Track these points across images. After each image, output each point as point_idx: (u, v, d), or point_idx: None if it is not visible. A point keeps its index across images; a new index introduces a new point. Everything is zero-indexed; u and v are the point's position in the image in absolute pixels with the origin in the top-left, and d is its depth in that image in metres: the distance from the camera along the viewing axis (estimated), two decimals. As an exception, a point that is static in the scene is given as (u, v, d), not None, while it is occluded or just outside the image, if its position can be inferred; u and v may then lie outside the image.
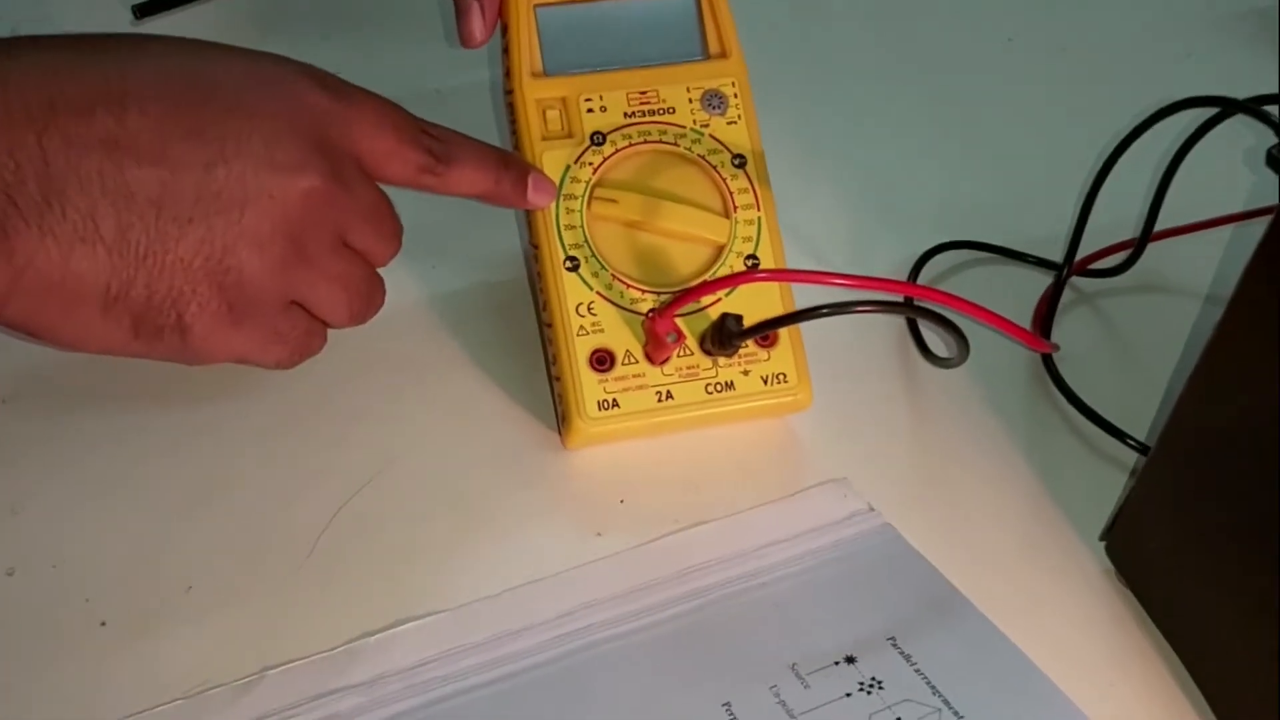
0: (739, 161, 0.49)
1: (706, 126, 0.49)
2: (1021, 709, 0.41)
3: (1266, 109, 0.49)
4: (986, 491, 0.48)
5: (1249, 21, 0.68)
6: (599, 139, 0.48)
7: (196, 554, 0.44)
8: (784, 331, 0.47)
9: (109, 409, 0.47)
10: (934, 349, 0.51)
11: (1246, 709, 0.40)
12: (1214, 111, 0.50)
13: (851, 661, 0.42)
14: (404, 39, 0.62)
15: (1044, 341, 0.50)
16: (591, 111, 0.48)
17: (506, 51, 0.48)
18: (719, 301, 0.47)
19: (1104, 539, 0.46)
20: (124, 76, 0.39)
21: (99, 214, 0.38)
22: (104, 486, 0.45)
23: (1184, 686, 0.43)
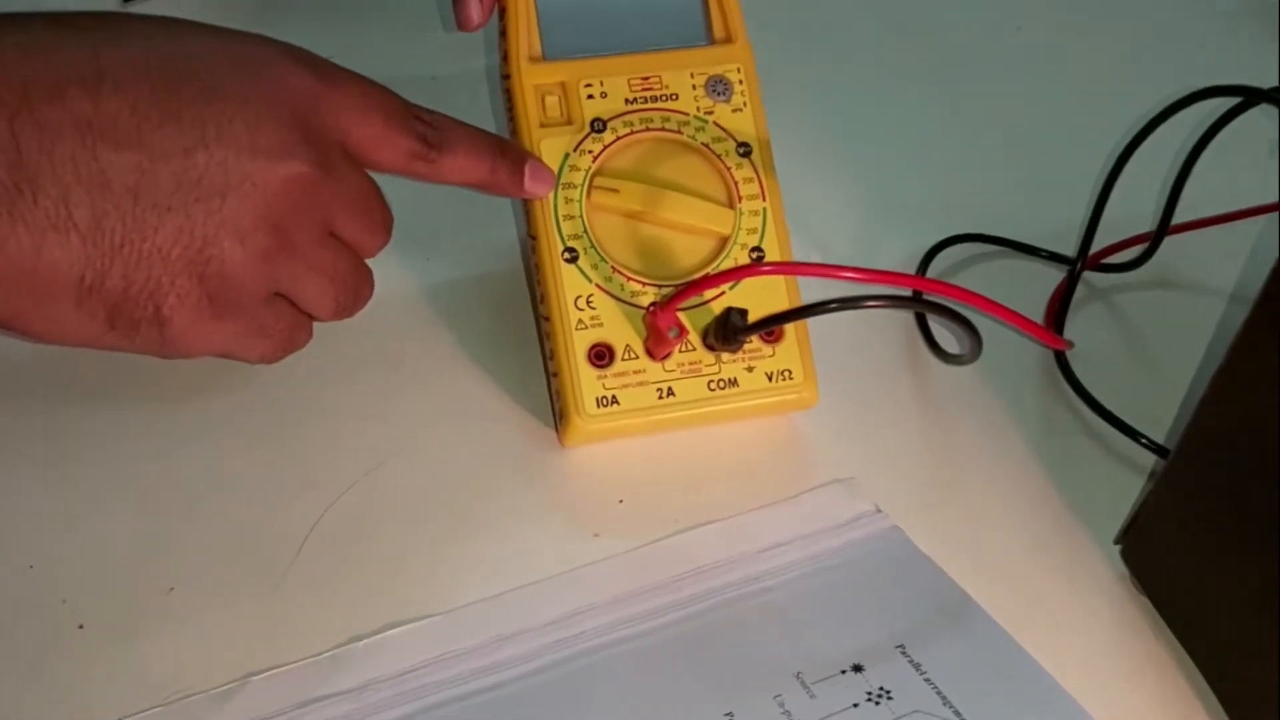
0: (744, 150, 0.47)
1: (711, 114, 0.47)
2: (1035, 720, 0.40)
3: (1292, 99, 0.48)
4: (997, 493, 0.47)
5: (1261, 12, 0.67)
6: (599, 126, 0.46)
7: (178, 554, 0.42)
8: (790, 327, 0.46)
9: (87, 405, 0.46)
10: (944, 345, 0.50)
11: (1268, 722, 0.39)
12: (1236, 101, 0.48)
13: (859, 670, 0.40)
14: (398, 23, 0.60)
15: (1059, 338, 0.48)
16: (592, 98, 0.47)
17: (504, 35, 0.47)
18: (722, 295, 0.46)
19: (1119, 543, 0.45)
20: (99, 57, 0.38)
21: (73, 200, 0.37)
22: (83, 484, 0.44)
23: (1202, 697, 0.42)
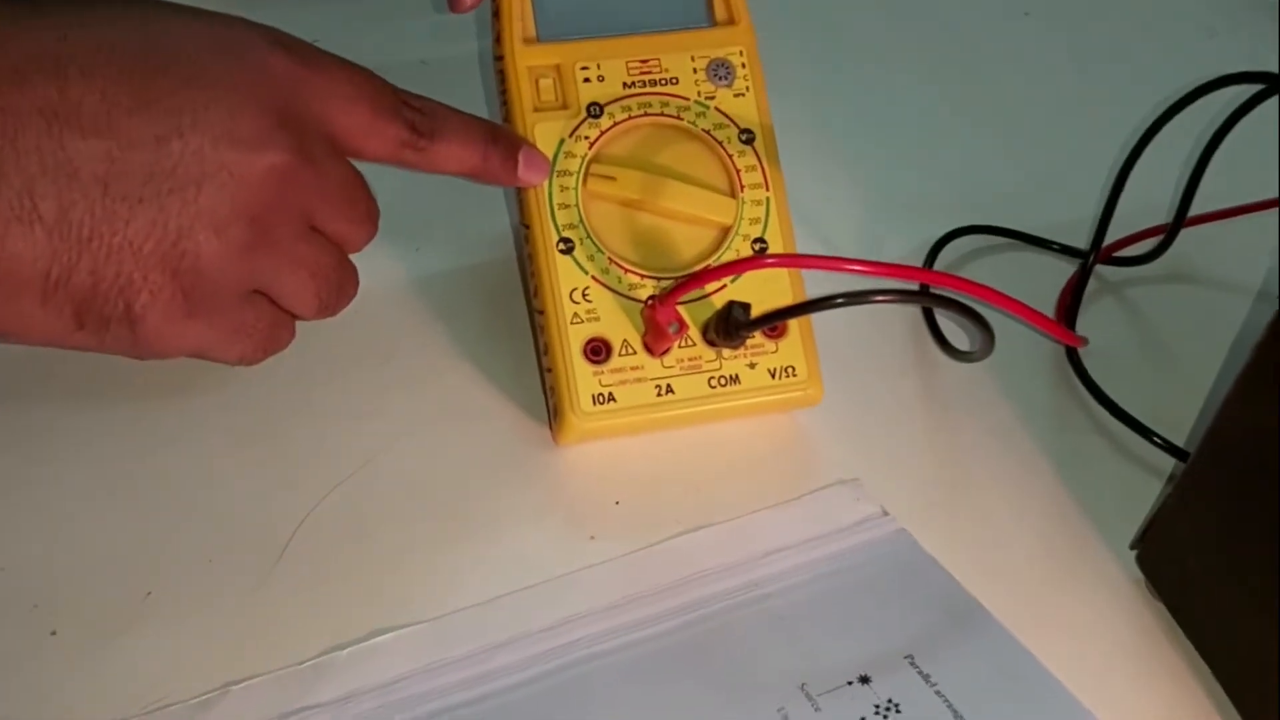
0: (747, 137, 0.46)
1: (712, 99, 0.46)
2: (1048, 733, 0.38)
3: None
4: (1008, 495, 0.46)
5: (1266, 1, 0.65)
6: (596, 111, 0.45)
7: (156, 557, 0.41)
8: (793, 321, 0.44)
9: (62, 403, 0.44)
10: (953, 341, 0.49)
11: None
12: (1256, 89, 0.47)
13: (866, 682, 0.39)
14: (385, 4, 0.59)
15: (1073, 334, 0.47)
16: (588, 81, 0.45)
17: (497, 15, 0.45)
18: (724, 288, 0.44)
19: (1135, 548, 0.44)
20: (65, 40, 0.36)
21: (37, 192, 0.35)
22: (56, 483, 0.42)
23: (1219, 707, 0.40)
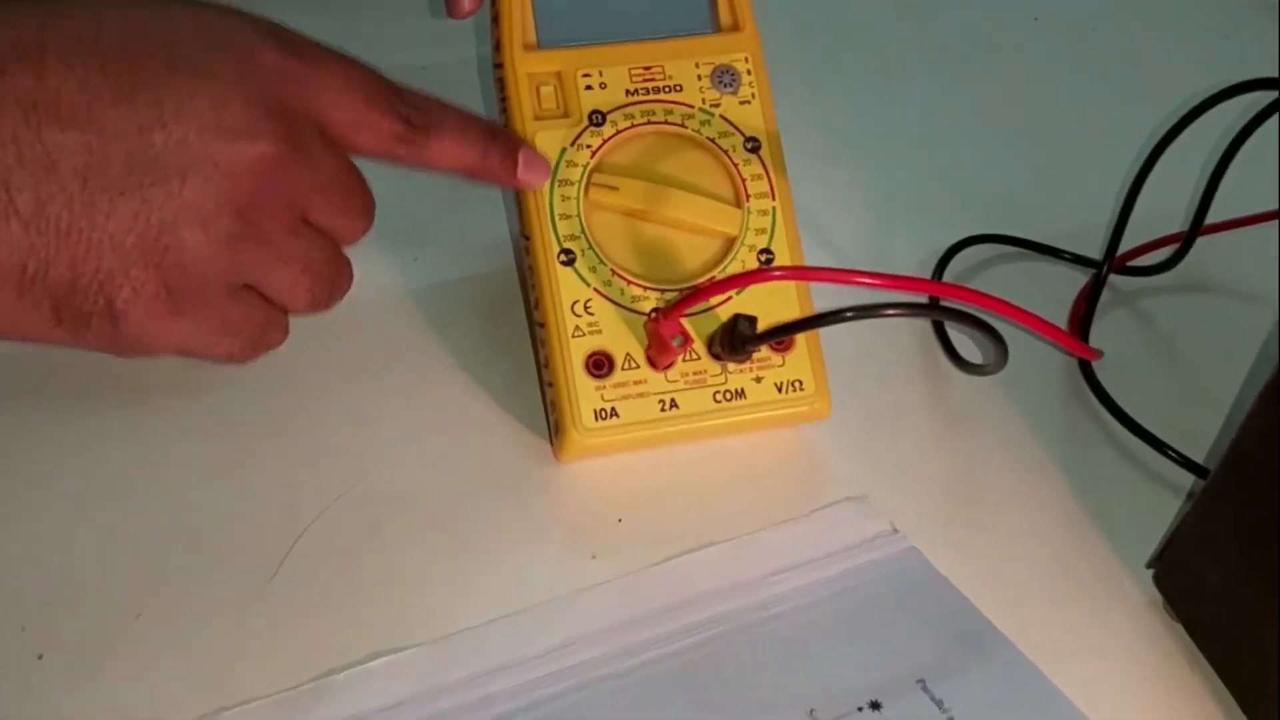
0: (752, 145, 0.45)
1: (717, 106, 0.45)
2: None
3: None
4: (1021, 511, 0.45)
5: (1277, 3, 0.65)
6: (598, 119, 0.44)
7: (146, 578, 0.40)
8: (801, 334, 0.43)
9: (48, 418, 0.43)
10: (964, 353, 0.47)
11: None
12: (1276, 95, 0.46)
13: (876, 708, 0.38)
14: (384, 9, 0.58)
15: (1087, 347, 0.46)
16: (590, 88, 0.44)
17: (496, 21, 0.44)
18: (729, 300, 0.43)
19: (1152, 566, 0.43)
20: (43, 28, 0.35)
21: (14, 184, 0.34)
22: (43, 502, 0.41)
23: (1240, 731, 0.40)
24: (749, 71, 0.45)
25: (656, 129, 0.44)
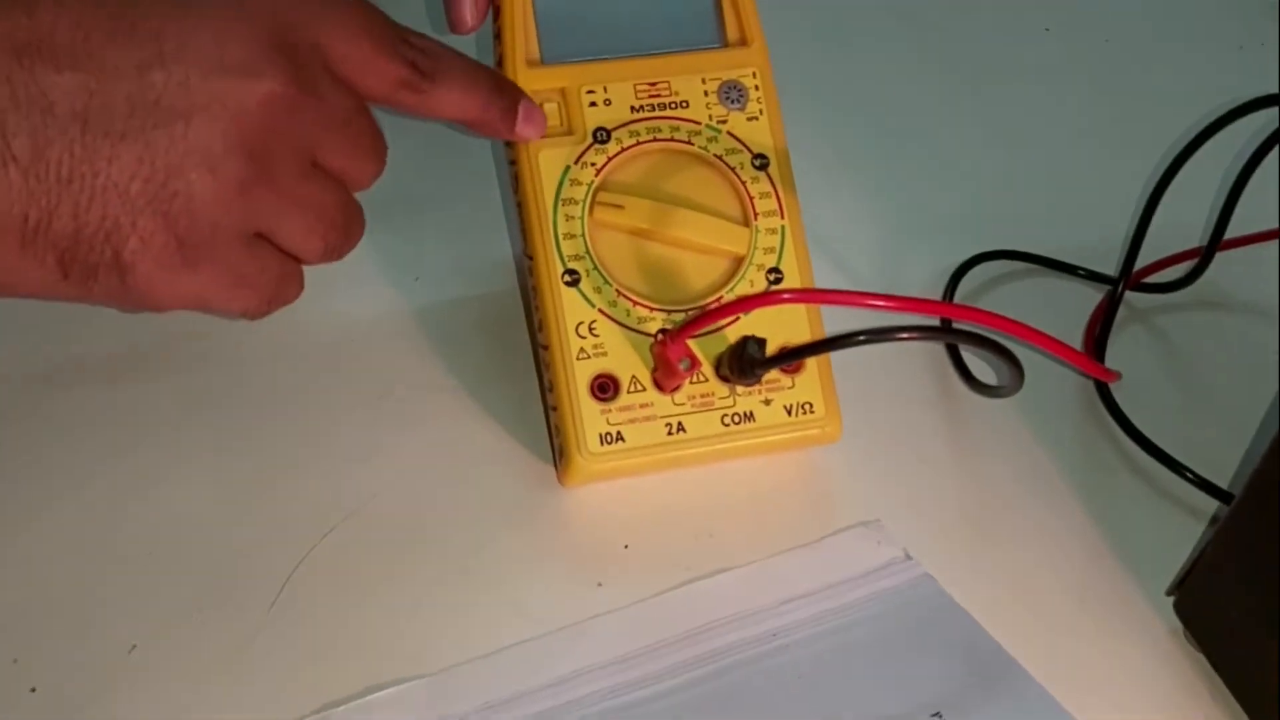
0: (760, 163, 0.44)
1: (724, 123, 0.44)
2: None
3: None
4: (1037, 537, 0.44)
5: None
6: (603, 136, 0.43)
7: (141, 610, 0.39)
8: (811, 356, 0.42)
9: (40, 441, 0.42)
10: (978, 374, 0.47)
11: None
12: (1297, 109, 0.45)
13: (891, 742, 0.37)
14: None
15: (1105, 369, 0.45)
16: (594, 105, 0.43)
17: (499, 38, 0.44)
18: (737, 321, 0.42)
19: (1172, 594, 0.42)
20: None
21: (9, 128, 0.33)
22: (36, 529, 0.41)
23: (1264, 765, 0.38)
24: (757, 87, 0.44)
25: (662, 146, 0.43)
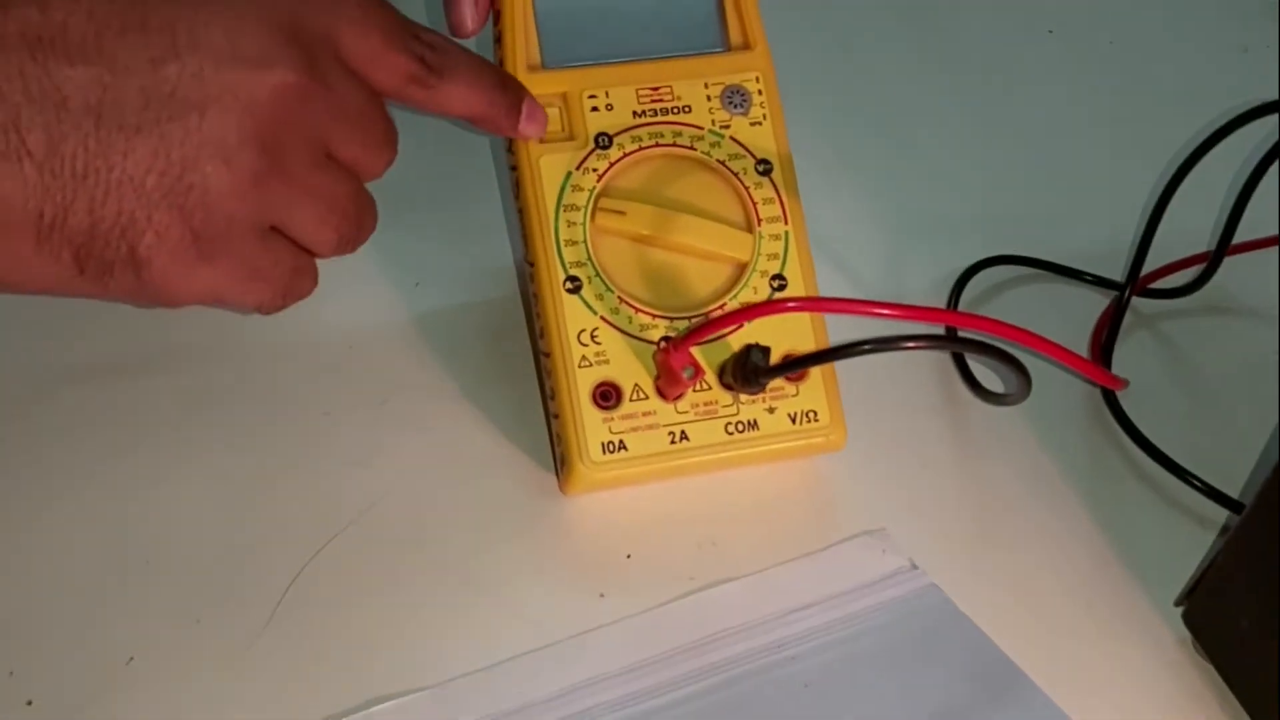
0: (764, 168, 0.43)
1: (727, 128, 0.43)
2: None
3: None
4: (1044, 546, 0.43)
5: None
6: (604, 141, 0.42)
7: (139, 620, 0.39)
8: (815, 364, 0.42)
9: (34, 449, 0.42)
10: (984, 382, 0.46)
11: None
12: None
13: (897, 755, 0.36)
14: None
15: (1113, 376, 0.44)
16: (596, 110, 0.43)
17: (499, 42, 0.43)
18: (741, 328, 0.42)
19: (1181, 604, 0.41)
20: None
21: (24, 124, 0.33)
22: (31, 539, 0.40)
23: (1275, 778, 0.38)
24: (760, 91, 0.44)
25: (665, 151, 0.43)
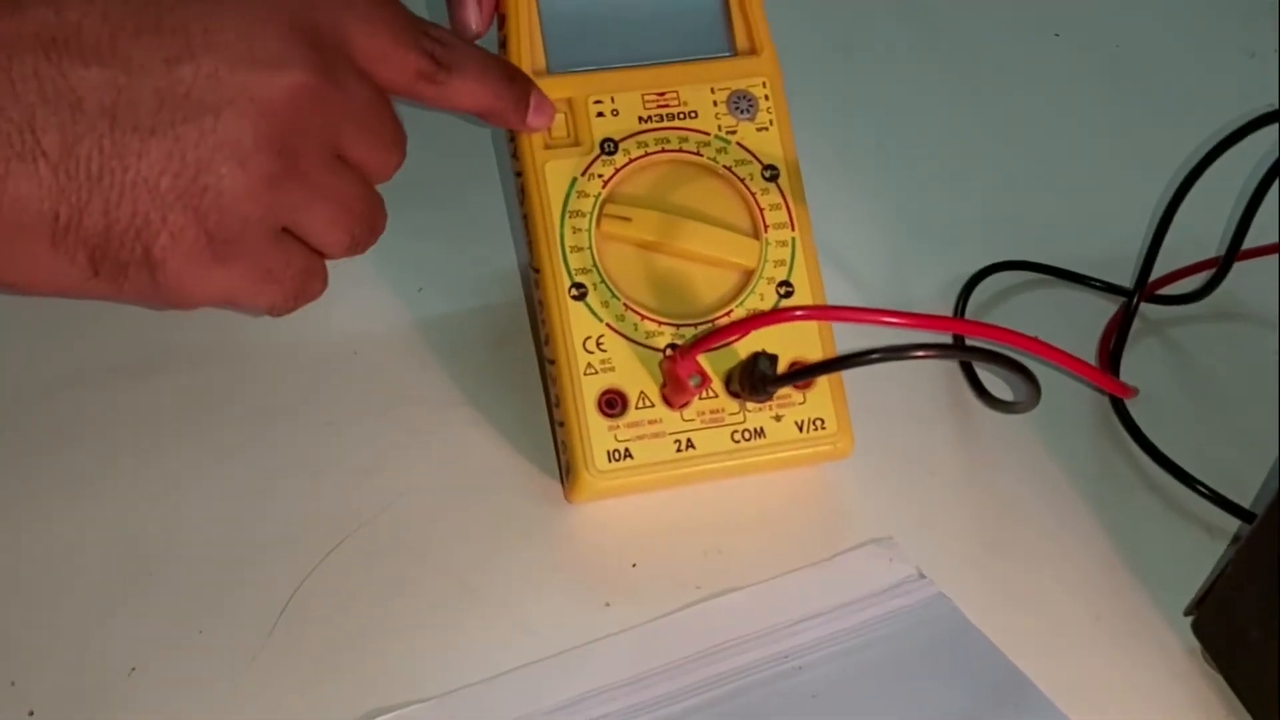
0: (770, 174, 0.43)
1: (733, 133, 0.43)
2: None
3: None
4: (1053, 555, 0.43)
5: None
6: (610, 147, 0.42)
7: (141, 631, 0.39)
8: (822, 372, 0.42)
9: (34, 457, 0.42)
10: (992, 390, 0.46)
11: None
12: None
13: (906, 767, 0.36)
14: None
15: (1122, 385, 0.44)
16: (601, 115, 0.42)
17: (504, 46, 0.43)
18: (747, 335, 0.41)
19: (1190, 614, 0.41)
20: None
21: (39, 125, 0.33)
22: (32, 548, 0.40)
23: (1285, 789, 0.38)
24: (767, 97, 0.43)
25: (671, 157, 0.43)
